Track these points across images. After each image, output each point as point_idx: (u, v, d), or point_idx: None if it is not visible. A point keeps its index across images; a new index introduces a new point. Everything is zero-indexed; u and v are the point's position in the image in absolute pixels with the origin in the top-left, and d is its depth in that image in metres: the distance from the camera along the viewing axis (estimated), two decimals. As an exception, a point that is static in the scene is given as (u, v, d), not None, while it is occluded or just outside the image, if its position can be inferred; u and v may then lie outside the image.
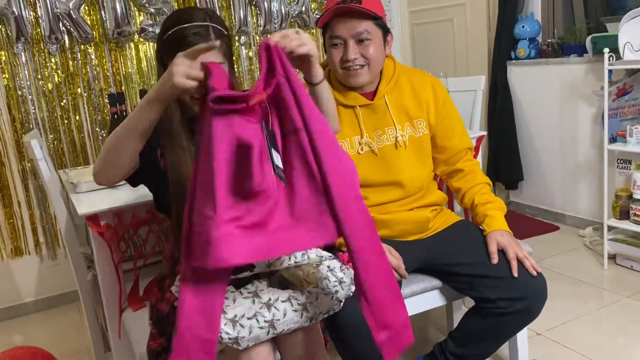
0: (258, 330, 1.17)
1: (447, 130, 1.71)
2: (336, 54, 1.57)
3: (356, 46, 1.55)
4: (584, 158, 3.18)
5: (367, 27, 1.54)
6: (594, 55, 2.94)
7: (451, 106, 1.73)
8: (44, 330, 2.62)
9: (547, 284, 1.55)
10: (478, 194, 1.68)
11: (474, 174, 1.72)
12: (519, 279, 1.50)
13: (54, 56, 2.67)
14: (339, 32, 1.55)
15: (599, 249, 2.86)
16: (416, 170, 1.67)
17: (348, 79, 1.60)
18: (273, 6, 3.05)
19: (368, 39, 1.55)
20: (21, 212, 2.73)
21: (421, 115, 1.67)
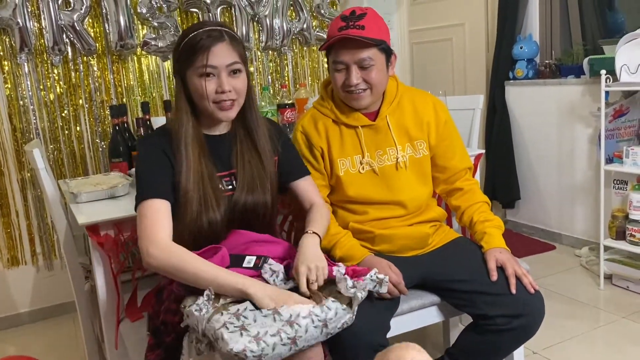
0: (281, 347, 1.16)
1: (448, 151, 1.72)
2: (339, 78, 1.59)
3: (359, 71, 1.56)
4: (581, 178, 3.20)
5: (370, 54, 1.55)
6: (591, 76, 2.98)
7: (452, 127, 1.75)
8: (38, 341, 2.60)
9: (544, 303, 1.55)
10: (477, 212, 1.70)
11: (473, 193, 1.73)
12: (517, 296, 1.51)
13: (56, 67, 2.69)
14: (341, 58, 1.56)
15: (595, 269, 2.87)
16: (416, 190, 1.68)
17: (351, 102, 1.62)
18: (275, 23, 3.08)
19: (371, 65, 1.56)
20: (19, 221, 2.73)
21: (422, 136, 1.69)
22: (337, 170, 1.65)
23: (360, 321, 1.41)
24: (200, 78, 1.36)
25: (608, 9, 3.22)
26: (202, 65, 1.35)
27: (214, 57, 1.35)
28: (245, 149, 1.48)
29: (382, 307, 1.49)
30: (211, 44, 1.35)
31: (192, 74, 1.38)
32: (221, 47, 1.36)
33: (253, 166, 1.46)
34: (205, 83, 1.36)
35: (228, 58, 1.37)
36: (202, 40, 1.35)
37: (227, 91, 1.37)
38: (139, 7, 2.76)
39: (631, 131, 2.78)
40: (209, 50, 1.35)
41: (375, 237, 1.64)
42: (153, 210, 1.32)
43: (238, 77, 1.40)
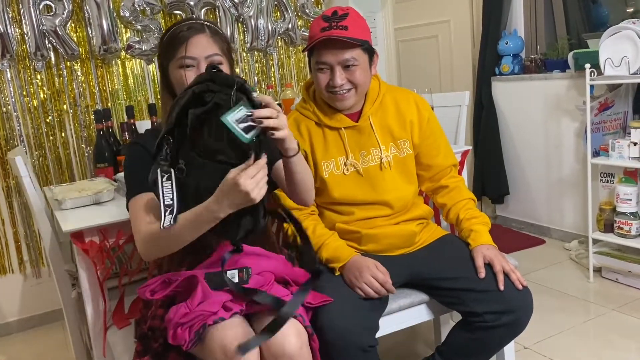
0: None
1: (431, 149, 1.72)
2: (323, 79, 1.58)
3: (342, 71, 1.56)
4: (568, 172, 3.22)
5: (354, 55, 1.55)
6: (576, 70, 2.99)
7: (436, 125, 1.74)
8: (27, 350, 2.57)
9: (533, 297, 1.56)
10: (463, 209, 1.70)
11: (459, 190, 1.73)
12: (505, 292, 1.51)
13: (39, 73, 2.66)
14: (325, 59, 1.55)
15: (584, 262, 2.88)
16: (401, 189, 1.68)
17: (334, 102, 1.61)
18: (260, 23, 3.07)
19: (355, 65, 1.56)
20: (5, 230, 2.70)
21: (405, 135, 1.68)
22: (321, 173, 1.64)
23: (349, 322, 1.41)
24: (180, 69, 1.36)
25: (592, 2, 3.24)
26: (181, 56, 1.36)
27: (193, 48, 1.36)
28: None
29: (370, 307, 1.49)
30: (190, 35, 1.36)
31: (173, 66, 1.38)
32: (200, 38, 1.37)
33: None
34: (185, 73, 1.36)
35: (208, 50, 1.37)
36: (182, 33, 1.37)
37: None
38: (122, 10, 2.73)
39: (617, 124, 2.79)
40: (187, 41, 1.36)
41: (362, 237, 1.64)
42: (136, 206, 1.33)
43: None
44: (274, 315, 1.29)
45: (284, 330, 1.27)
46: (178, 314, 1.26)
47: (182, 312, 1.26)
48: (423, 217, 1.73)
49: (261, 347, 1.28)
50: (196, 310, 1.26)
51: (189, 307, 1.26)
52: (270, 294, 1.31)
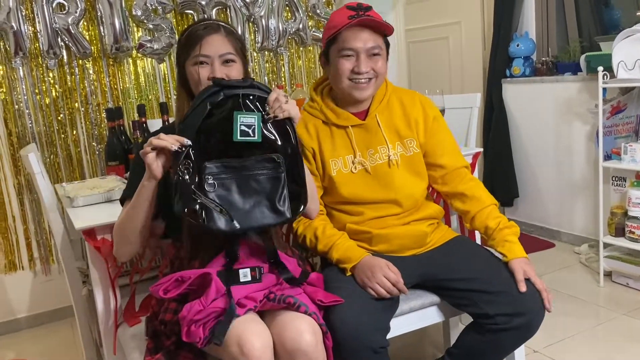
0: None
1: (437, 148, 1.70)
2: (347, 65, 1.58)
3: (367, 59, 1.57)
4: (579, 175, 3.20)
5: (379, 43, 1.59)
6: (588, 73, 2.98)
7: (442, 124, 1.73)
8: (36, 347, 2.59)
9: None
10: (490, 217, 1.65)
11: (480, 196, 1.69)
12: (517, 294, 1.50)
13: (52, 71, 2.68)
14: (352, 44, 1.57)
15: (594, 266, 2.86)
16: (410, 187, 1.67)
17: (353, 92, 1.60)
18: (271, 23, 3.07)
19: (379, 54, 1.59)
20: (16, 226, 2.71)
21: (411, 134, 1.68)
22: (329, 171, 1.64)
23: (360, 322, 1.41)
24: (195, 66, 1.41)
25: (604, 5, 3.22)
26: (196, 54, 1.41)
27: (208, 47, 1.41)
28: None
29: (381, 308, 1.48)
30: (206, 34, 1.42)
31: (188, 63, 1.43)
32: (215, 37, 1.42)
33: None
34: (199, 70, 1.41)
35: (222, 48, 1.42)
36: (198, 31, 1.42)
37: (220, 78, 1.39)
38: (134, 9, 2.74)
39: (629, 127, 2.77)
40: (202, 39, 1.41)
41: (372, 237, 1.63)
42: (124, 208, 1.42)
43: (231, 67, 1.43)
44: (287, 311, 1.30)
45: (299, 327, 1.28)
46: (192, 311, 1.26)
47: (196, 309, 1.27)
48: (434, 217, 1.73)
49: (276, 343, 1.29)
50: (210, 307, 1.26)
51: (202, 304, 1.26)
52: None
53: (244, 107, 1.28)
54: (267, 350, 1.25)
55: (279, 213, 1.30)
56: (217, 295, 1.28)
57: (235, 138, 1.26)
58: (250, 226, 1.29)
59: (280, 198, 1.30)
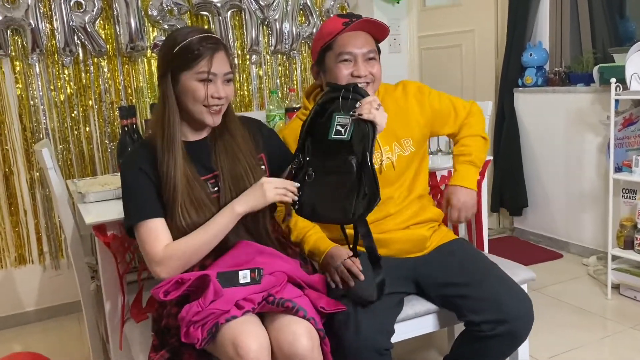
0: None
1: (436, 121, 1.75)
2: (345, 68, 1.61)
3: (365, 63, 1.60)
4: (589, 187, 3.18)
5: (374, 47, 1.64)
6: (600, 85, 2.97)
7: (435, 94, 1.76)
8: (43, 340, 2.61)
9: (533, 307, 1.53)
10: (459, 145, 1.74)
11: (468, 126, 1.76)
12: (501, 301, 1.49)
13: (67, 68, 2.71)
14: (350, 49, 1.60)
15: (602, 278, 2.85)
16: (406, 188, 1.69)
17: None
18: (285, 27, 3.09)
19: (374, 58, 1.63)
20: (27, 220, 2.74)
21: (407, 134, 1.69)
22: None
23: (365, 324, 1.41)
24: (200, 82, 1.40)
25: (619, 17, 3.20)
26: (204, 71, 1.39)
27: (216, 65, 1.41)
28: (226, 149, 1.49)
29: (386, 310, 1.49)
30: (213, 52, 1.40)
31: (189, 77, 1.40)
32: (220, 55, 1.42)
33: (236, 165, 1.48)
34: (206, 87, 1.40)
35: (225, 67, 1.43)
36: (202, 48, 1.39)
37: (223, 97, 1.43)
38: (150, 9, 2.77)
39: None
40: (212, 57, 1.40)
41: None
42: (146, 231, 1.39)
43: (229, 86, 1.46)
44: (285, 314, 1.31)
45: (296, 331, 1.29)
46: (190, 312, 1.28)
47: (195, 310, 1.28)
48: (434, 220, 1.73)
49: (273, 346, 1.30)
50: (208, 309, 1.27)
51: (201, 306, 1.28)
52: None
53: (342, 109, 1.38)
54: (264, 352, 1.26)
55: (343, 211, 1.37)
56: (215, 297, 1.29)
57: (330, 136, 1.37)
58: (321, 219, 1.44)
59: (346, 198, 1.36)
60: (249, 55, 3.09)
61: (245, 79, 3.10)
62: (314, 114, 1.43)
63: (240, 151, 1.49)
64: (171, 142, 1.41)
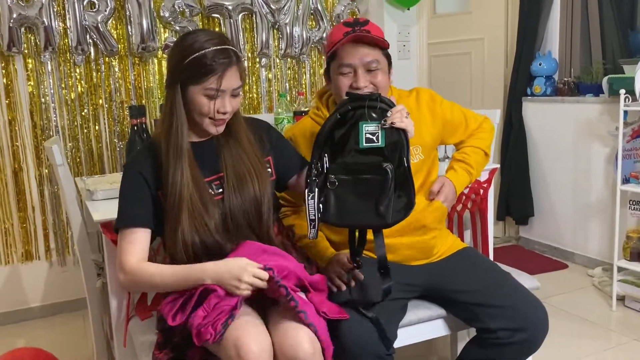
0: None
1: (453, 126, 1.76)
2: (345, 82, 1.59)
3: (365, 74, 1.58)
4: (596, 197, 3.17)
5: (376, 57, 1.58)
6: (610, 95, 2.96)
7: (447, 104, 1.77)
8: (47, 336, 2.62)
9: (548, 317, 1.54)
10: (461, 151, 1.76)
11: (476, 137, 1.78)
12: (519, 309, 1.50)
13: (78, 67, 2.73)
14: (349, 61, 1.57)
15: (607, 289, 2.84)
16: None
17: None
18: (295, 31, 3.11)
19: (377, 68, 1.58)
20: (35, 217, 2.76)
21: (417, 141, 1.68)
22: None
23: (367, 329, 1.41)
24: (206, 97, 1.38)
25: (629, 28, 3.20)
26: (213, 88, 1.37)
27: (226, 82, 1.38)
28: (231, 151, 1.49)
29: (388, 315, 1.49)
30: (225, 69, 1.37)
31: (197, 91, 1.38)
32: (231, 72, 1.39)
33: (240, 166, 1.48)
34: (213, 103, 1.39)
35: (235, 83, 1.41)
36: (215, 64, 1.36)
37: (228, 112, 1.42)
38: (162, 10, 2.80)
39: (649, 152, 2.75)
40: (222, 75, 1.37)
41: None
42: (126, 239, 1.40)
43: (237, 99, 1.44)
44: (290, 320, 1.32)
45: (297, 336, 1.30)
46: (197, 318, 1.30)
47: (201, 315, 1.30)
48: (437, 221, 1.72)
49: (276, 350, 1.31)
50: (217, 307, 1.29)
51: (206, 310, 1.30)
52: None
53: (369, 118, 1.39)
54: (265, 355, 1.27)
55: (380, 216, 1.38)
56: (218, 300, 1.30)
57: (361, 145, 1.39)
58: (352, 224, 1.44)
59: (382, 203, 1.37)
60: (259, 58, 3.11)
61: (255, 82, 3.12)
62: (333, 124, 1.42)
63: (245, 153, 1.49)
64: (179, 151, 1.40)
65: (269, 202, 1.49)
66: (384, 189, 1.37)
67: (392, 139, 1.39)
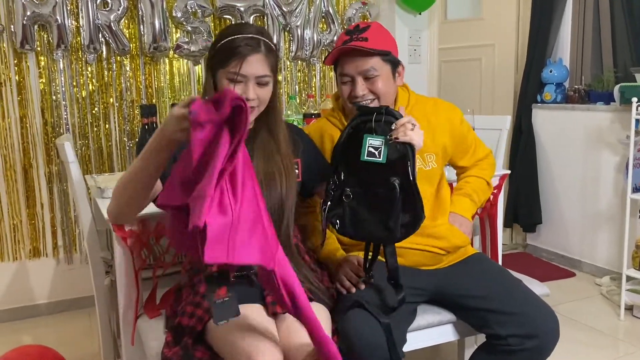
0: None
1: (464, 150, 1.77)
2: (345, 90, 1.61)
3: (364, 82, 1.58)
4: (605, 206, 3.16)
5: (374, 64, 1.57)
6: (621, 104, 2.95)
7: (466, 125, 1.78)
8: (54, 333, 2.63)
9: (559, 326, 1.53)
10: (464, 180, 1.78)
11: (480, 167, 1.80)
12: (531, 316, 1.49)
13: (90, 65, 2.75)
14: (346, 70, 1.59)
15: (615, 298, 2.82)
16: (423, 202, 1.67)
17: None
18: (306, 34, 3.11)
19: (375, 75, 1.58)
20: (43, 214, 2.77)
21: (432, 149, 1.68)
22: None
23: (376, 332, 1.41)
24: (229, 82, 1.40)
25: (641, 37, 3.19)
26: (234, 71, 1.39)
27: (247, 66, 1.39)
28: (264, 148, 1.49)
29: (398, 319, 1.48)
30: (247, 53, 1.39)
31: (222, 75, 1.42)
32: (256, 57, 1.40)
33: (271, 164, 1.48)
34: (233, 88, 1.39)
35: (260, 70, 1.41)
36: (239, 47, 1.39)
37: (252, 99, 1.41)
38: (174, 10, 2.81)
39: (660, 161, 2.74)
40: (244, 59, 1.39)
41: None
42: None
43: (264, 88, 1.44)
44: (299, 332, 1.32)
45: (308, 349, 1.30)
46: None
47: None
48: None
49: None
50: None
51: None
52: None
53: (375, 131, 1.38)
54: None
55: (389, 230, 1.38)
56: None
57: (362, 158, 1.38)
58: (365, 237, 1.45)
59: (391, 217, 1.37)
60: (270, 60, 3.11)
61: (265, 84, 3.12)
62: (347, 137, 1.42)
63: (279, 152, 1.49)
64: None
65: (292, 203, 1.49)
66: (391, 203, 1.36)
67: (400, 152, 1.37)
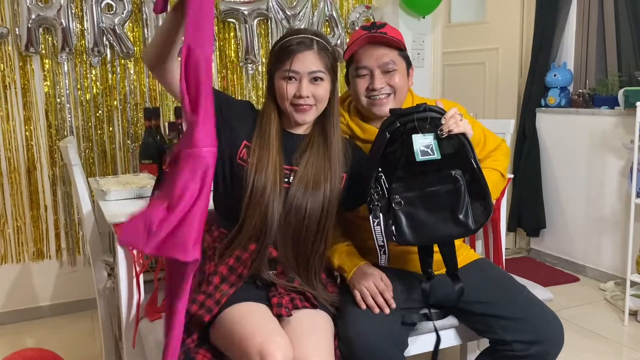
0: None
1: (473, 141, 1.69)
2: (362, 84, 1.60)
3: (382, 76, 1.58)
4: (609, 211, 3.14)
5: (393, 58, 1.58)
6: (625, 108, 2.94)
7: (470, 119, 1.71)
8: (55, 335, 2.63)
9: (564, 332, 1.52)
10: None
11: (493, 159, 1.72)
12: (536, 322, 1.48)
13: (94, 68, 2.75)
14: (365, 63, 1.58)
15: (619, 304, 2.80)
16: None
17: (372, 108, 1.61)
18: (310, 37, 3.11)
19: (394, 69, 1.58)
20: (47, 216, 2.78)
21: None
22: None
23: (378, 336, 1.40)
24: (283, 80, 1.43)
25: (646, 41, 3.18)
26: (286, 69, 1.42)
27: (298, 63, 1.42)
28: (314, 151, 1.50)
29: (400, 323, 1.48)
30: (298, 49, 1.42)
31: (278, 75, 1.46)
32: (307, 54, 1.43)
33: (316, 169, 1.48)
34: (286, 86, 1.43)
35: (312, 66, 1.43)
36: (291, 46, 1.42)
37: (305, 96, 1.43)
38: (179, 14, 2.81)
39: (664, 166, 2.72)
40: (294, 55, 1.42)
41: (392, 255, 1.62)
42: None
43: (319, 85, 1.45)
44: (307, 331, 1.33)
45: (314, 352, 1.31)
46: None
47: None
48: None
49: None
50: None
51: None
52: None
53: (420, 130, 1.37)
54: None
55: (461, 225, 1.37)
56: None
57: (418, 159, 1.36)
58: (431, 239, 1.43)
59: (461, 210, 1.36)
60: (273, 64, 3.11)
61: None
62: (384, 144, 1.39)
63: (329, 160, 1.49)
64: (266, 134, 1.46)
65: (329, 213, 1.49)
66: (457, 196, 1.36)
67: (452, 144, 1.37)
